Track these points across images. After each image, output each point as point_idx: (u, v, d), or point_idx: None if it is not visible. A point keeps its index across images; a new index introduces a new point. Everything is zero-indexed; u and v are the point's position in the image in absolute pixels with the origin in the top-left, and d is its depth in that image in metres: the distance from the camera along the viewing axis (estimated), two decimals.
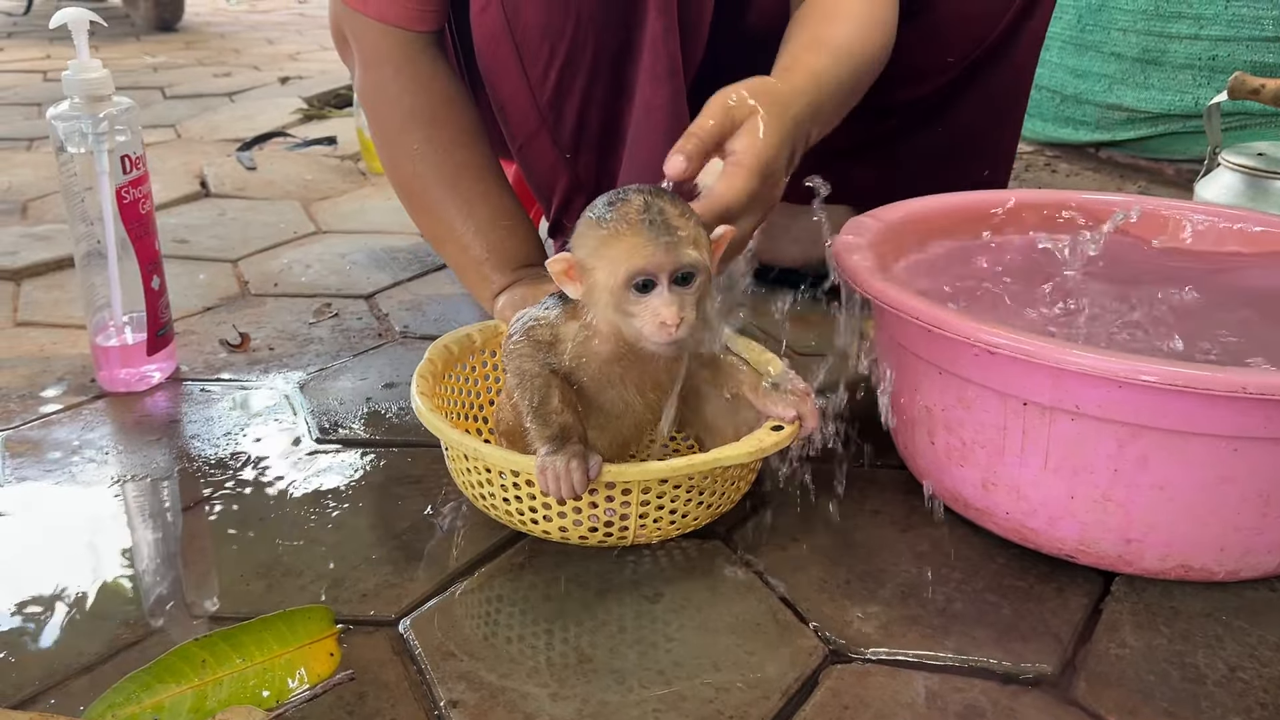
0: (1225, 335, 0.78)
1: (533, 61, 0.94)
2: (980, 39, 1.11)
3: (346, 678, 0.63)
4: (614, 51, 0.95)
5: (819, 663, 0.66)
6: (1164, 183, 1.75)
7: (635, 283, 0.66)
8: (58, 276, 1.32)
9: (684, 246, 0.66)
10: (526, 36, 0.93)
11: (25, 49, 3.34)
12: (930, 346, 0.75)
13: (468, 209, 0.99)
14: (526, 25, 0.93)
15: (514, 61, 0.95)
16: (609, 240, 0.67)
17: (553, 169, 1.03)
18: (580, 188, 1.03)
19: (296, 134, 2.12)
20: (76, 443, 0.92)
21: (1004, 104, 1.17)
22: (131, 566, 0.75)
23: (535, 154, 1.02)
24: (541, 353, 0.71)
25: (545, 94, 0.96)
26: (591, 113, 0.98)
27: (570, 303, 0.72)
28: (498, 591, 0.72)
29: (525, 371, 0.71)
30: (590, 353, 0.72)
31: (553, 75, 0.95)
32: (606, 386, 0.73)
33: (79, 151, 0.93)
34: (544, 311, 0.73)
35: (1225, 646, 0.67)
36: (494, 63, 0.97)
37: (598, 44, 0.94)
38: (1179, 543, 0.70)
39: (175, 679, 0.61)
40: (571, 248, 0.70)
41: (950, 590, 0.72)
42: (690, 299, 0.67)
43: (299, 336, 1.15)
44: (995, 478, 0.74)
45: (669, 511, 0.74)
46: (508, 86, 0.98)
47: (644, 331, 0.68)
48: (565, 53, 0.93)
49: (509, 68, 0.96)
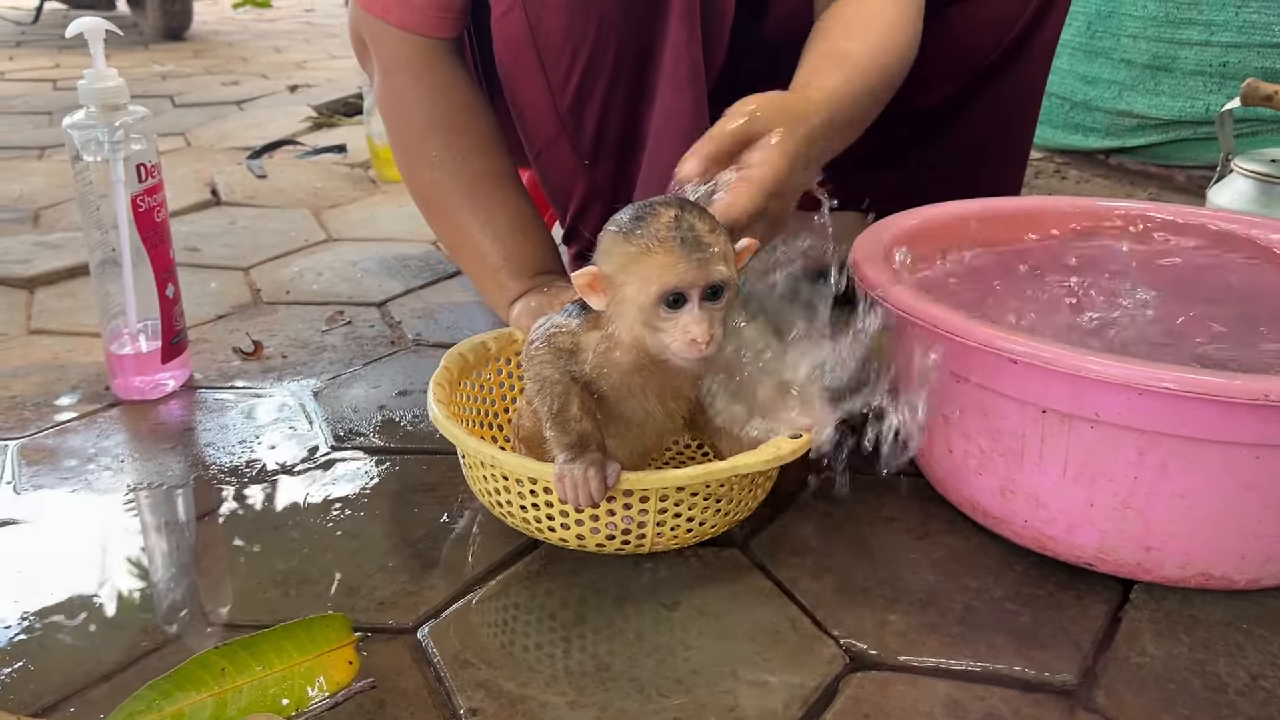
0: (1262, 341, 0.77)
1: (554, 66, 0.95)
2: (992, 47, 1.11)
3: (368, 685, 0.63)
4: (635, 57, 0.95)
5: (839, 671, 0.65)
6: (1174, 189, 1.74)
7: (666, 299, 0.66)
8: (71, 284, 1.33)
9: (716, 263, 0.66)
10: (549, 41, 0.93)
11: (34, 58, 3.36)
12: (947, 354, 0.74)
13: (485, 216, 0.99)
14: (549, 30, 0.93)
15: (535, 66, 0.95)
16: (639, 256, 0.66)
17: (570, 175, 1.03)
18: (598, 194, 1.03)
19: (306, 142, 2.13)
20: (92, 451, 0.92)
21: (1017, 111, 1.17)
22: (148, 575, 0.75)
23: (553, 160, 1.03)
24: (562, 360, 0.71)
25: (566, 99, 0.96)
26: (611, 119, 0.98)
27: (592, 312, 0.72)
28: (515, 599, 0.72)
29: (546, 378, 0.71)
30: (611, 363, 0.71)
31: (574, 80, 0.95)
32: (627, 396, 0.73)
33: (95, 160, 0.93)
34: (566, 319, 0.73)
35: (1247, 655, 0.67)
36: (514, 68, 0.97)
37: (619, 49, 0.94)
38: (1199, 551, 0.70)
39: (195, 687, 0.61)
40: (597, 261, 0.69)
41: (969, 598, 0.72)
42: (719, 315, 0.67)
43: (312, 344, 1.15)
44: (1014, 485, 0.74)
45: (686, 519, 0.74)
46: (528, 92, 0.98)
47: (673, 348, 0.67)
48: (587, 58, 0.93)
49: (530, 73, 0.96)
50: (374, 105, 1.80)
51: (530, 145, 1.04)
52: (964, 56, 1.12)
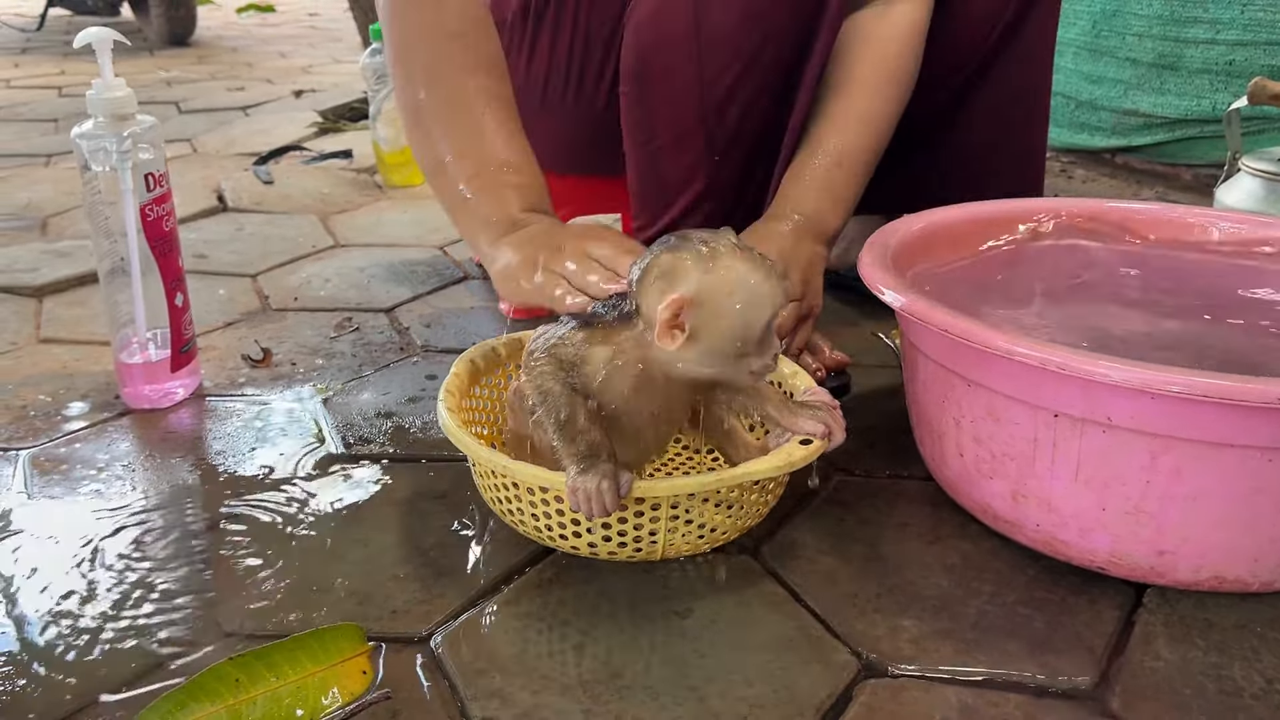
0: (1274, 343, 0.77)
1: (711, 62, 0.98)
2: (978, 45, 1.12)
3: (383, 696, 0.63)
4: (789, 63, 0.99)
5: (852, 678, 0.65)
6: (1181, 188, 1.74)
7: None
8: (79, 293, 1.33)
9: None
10: (712, 36, 0.97)
11: (40, 64, 3.37)
12: (959, 358, 0.74)
13: (478, 137, 0.90)
14: (714, 25, 0.96)
15: (690, 61, 0.98)
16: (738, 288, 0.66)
17: (691, 171, 1.05)
18: (714, 193, 1.05)
19: (312, 148, 2.13)
20: (102, 460, 0.92)
21: (1019, 110, 1.17)
22: (160, 585, 0.75)
23: (677, 154, 1.04)
24: (564, 372, 0.71)
25: (716, 94, 0.99)
26: (752, 119, 1.02)
27: (594, 326, 0.71)
28: (527, 608, 0.72)
29: (549, 391, 0.70)
30: (613, 384, 0.70)
31: (728, 77, 0.99)
32: (621, 415, 0.72)
33: (103, 169, 0.93)
34: (569, 331, 0.72)
35: (1262, 658, 0.67)
36: (665, 59, 1.00)
37: (778, 52, 0.98)
38: (1212, 554, 0.69)
39: (209, 698, 0.61)
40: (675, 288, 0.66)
41: (982, 603, 0.72)
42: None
43: (320, 351, 1.15)
44: (1025, 490, 0.73)
45: (698, 526, 0.74)
46: (670, 85, 1.01)
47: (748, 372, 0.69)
48: (748, 57, 0.98)
49: (681, 66, 0.99)
50: (380, 110, 1.80)
51: (649, 140, 1.05)
52: (952, 56, 1.12)
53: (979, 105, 1.15)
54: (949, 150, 1.18)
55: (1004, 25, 1.11)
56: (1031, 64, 1.14)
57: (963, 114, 1.16)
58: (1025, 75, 1.15)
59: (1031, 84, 1.16)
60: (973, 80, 1.13)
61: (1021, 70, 1.14)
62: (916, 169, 1.18)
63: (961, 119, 1.16)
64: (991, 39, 1.11)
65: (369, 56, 1.81)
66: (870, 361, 1.08)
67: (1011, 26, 1.11)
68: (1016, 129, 1.18)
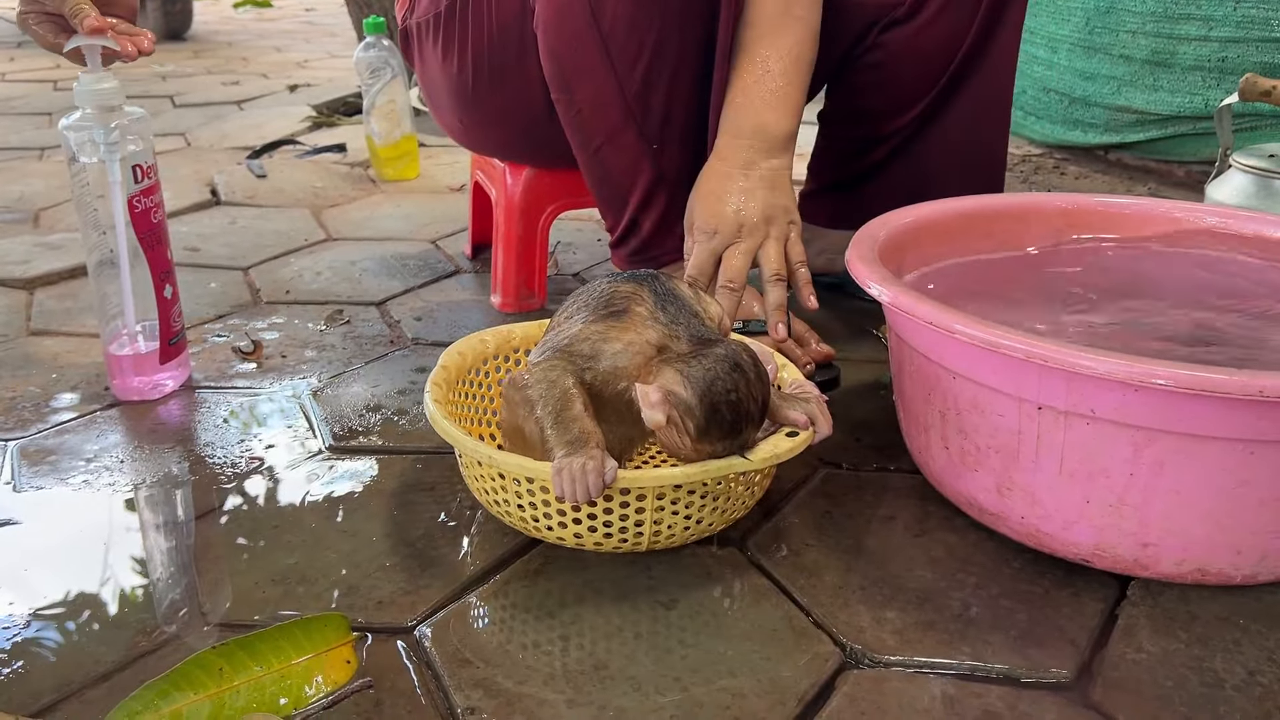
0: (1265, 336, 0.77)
1: (620, 54, 0.97)
2: (948, 61, 1.12)
3: (364, 685, 0.64)
4: (701, 42, 0.99)
5: (835, 669, 0.65)
6: (1173, 184, 1.74)
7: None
8: (70, 285, 1.33)
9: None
10: (614, 29, 0.96)
11: (35, 59, 3.36)
12: (944, 351, 0.75)
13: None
14: (613, 17, 0.96)
15: (599, 56, 0.98)
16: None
17: (635, 164, 1.04)
18: (663, 182, 1.05)
19: (306, 141, 2.13)
20: (90, 451, 0.92)
21: (988, 118, 1.18)
22: (146, 575, 0.76)
23: (618, 150, 1.04)
24: (574, 364, 0.72)
25: (633, 85, 0.99)
26: (678, 104, 1.01)
27: (618, 319, 0.72)
28: (513, 598, 0.72)
29: (553, 380, 0.71)
30: (616, 372, 0.72)
31: (641, 67, 0.98)
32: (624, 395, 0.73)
33: (91, 161, 0.93)
34: (591, 329, 0.73)
35: (1244, 650, 0.67)
36: (576, 60, 0.99)
37: (683, 33, 0.98)
38: (1196, 547, 0.70)
39: (193, 687, 0.61)
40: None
41: (966, 595, 0.72)
42: None
43: (311, 344, 1.15)
44: (1010, 482, 0.74)
45: (684, 517, 0.74)
46: (590, 84, 1.00)
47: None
48: (654, 43, 0.97)
49: (592, 64, 0.99)
50: (373, 104, 1.80)
51: (588, 142, 1.05)
52: (924, 73, 1.13)
53: (952, 119, 1.16)
54: (922, 163, 1.18)
55: (970, 43, 1.11)
56: (998, 75, 1.15)
57: (936, 128, 1.16)
58: (993, 88, 1.16)
59: (1000, 94, 1.17)
60: (944, 95, 1.14)
61: (989, 83, 1.15)
62: (892, 181, 1.19)
63: (934, 133, 1.17)
64: (959, 55, 1.12)
65: (364, 51, 1.81)
66: (859, 356, 1.08)
67: (978, 43, 1.11)
68: (984, 138, 1.19)
